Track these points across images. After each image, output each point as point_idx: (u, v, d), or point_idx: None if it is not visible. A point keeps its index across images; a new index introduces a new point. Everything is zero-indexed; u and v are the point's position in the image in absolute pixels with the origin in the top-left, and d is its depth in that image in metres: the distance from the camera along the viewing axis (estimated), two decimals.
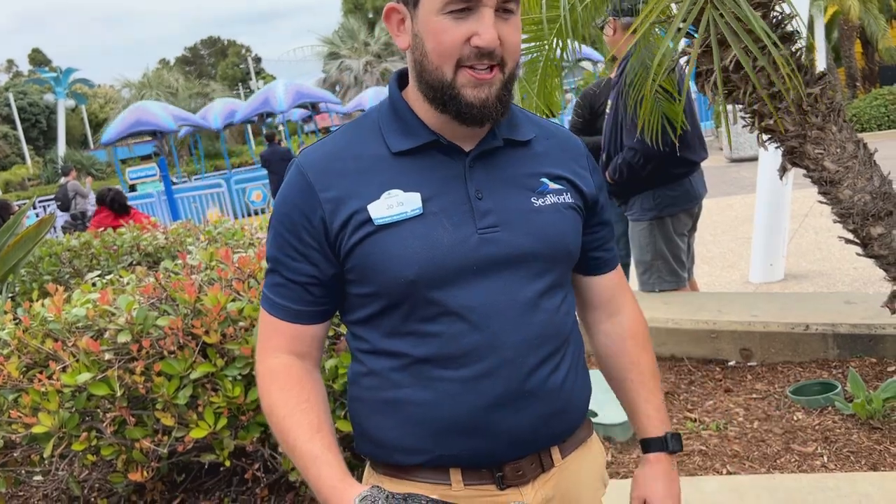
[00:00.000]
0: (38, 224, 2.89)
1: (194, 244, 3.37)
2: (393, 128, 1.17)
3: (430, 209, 1.12)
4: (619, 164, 3.62)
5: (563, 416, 1.20)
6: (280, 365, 1.18)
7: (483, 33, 1.06)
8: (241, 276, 2.31)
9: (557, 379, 1.17)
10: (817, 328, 3.13)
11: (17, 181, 28.84)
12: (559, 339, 1.19)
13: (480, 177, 1.16)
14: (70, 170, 12.46)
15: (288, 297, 1.18)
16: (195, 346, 2.11)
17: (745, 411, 2.85)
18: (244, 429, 2.21)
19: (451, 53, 1.08)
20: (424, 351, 1.13)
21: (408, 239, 1.11)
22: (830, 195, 2.29)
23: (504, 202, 1.15)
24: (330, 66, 34.68)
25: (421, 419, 1.14)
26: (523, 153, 1.21)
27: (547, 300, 1.17)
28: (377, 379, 1.18)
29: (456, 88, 1.10)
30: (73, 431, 2.11)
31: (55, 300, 2.23)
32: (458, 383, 1.12)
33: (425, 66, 1.11)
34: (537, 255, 1.16)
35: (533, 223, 1.16)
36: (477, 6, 1.07)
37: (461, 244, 1.11)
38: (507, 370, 1.13)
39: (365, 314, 1.18)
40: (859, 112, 14.26)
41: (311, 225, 1.14)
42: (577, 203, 1.22)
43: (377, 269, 1.12)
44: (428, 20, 1.09)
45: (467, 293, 1.12)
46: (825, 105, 2.21)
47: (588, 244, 1.28)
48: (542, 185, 1.19)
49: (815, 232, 6.51)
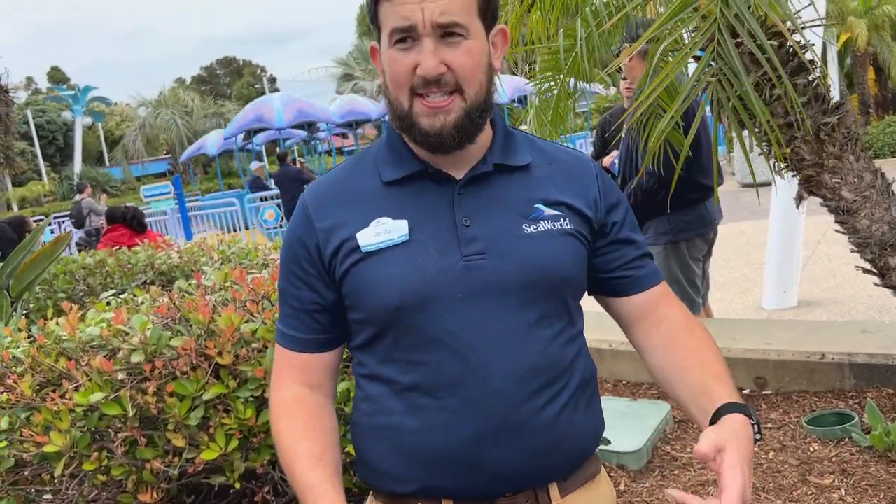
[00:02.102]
0: (55, 242, 2.91)
1: (208, 264, 3.39)
2: (387, 160, 1.20)
3: (416, 237, 1.13)
4: (634, 188, 3.61)
5: (559, 452, 1.16)
6: (290, 395, 1.20)
7: (423, 62, 1.08)
8: (255, 298, 2.31)
9: (551, 413, 1.14)
10: (833, 357, 3.09)
11: (34, 197, 29.12)
12: (555, 371, 1.15)
13: (470, 204, 1.16)
14: (85, 187, 12.59)
15: (296, 328, 1.21)
16: (208, 367, 2.11)
17: (759, 441, 2.81)
18: (255, 451, 2.20)
19: (402, 83, 1.11)
20: (412, 378, 1.13)
21: (392, 266, 1.12)
22: (848, 224, 2.27)
23: (492, 229, 1.14)
24: (344, 87, 34.97)
25: (410, 447, 1.14)
26: (518, 178, 1.20)
27: (540, 330, 1.14)
28: (373, 404, 1.19)
29: (413, 117, 1.12)
30: (85, 451, 2.11)
31: (70, 319, 2.24)
32: (444, 412, 1.11)
33: (388, 97, 1.15)
34: (526, 284, 1.13)
35: (522, 250, 1.14)
36: (417, 37, 1.08)
37: (445, 271, 1.11)
38: (492, 401, 1.10)
39: (361, 340, 1.19)
40: (872, 139, 14.22)
41: (309, 254, 1.17)
42: (577, 229, 1.19)
43: (365, 296, 1.13)
44: (384, 55, 1.13)
45: (452, 321, 1.11)
46: (842, 134, 2.21)
47: (606, 265, 1.24)
48: (537, 210, 1.17)
49: (828, 259, 6.46)
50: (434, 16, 1.07)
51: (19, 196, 27.79)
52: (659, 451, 2.88)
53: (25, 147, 34.94)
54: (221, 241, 3.68)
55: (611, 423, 1.40)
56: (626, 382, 3.60)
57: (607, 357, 3.63)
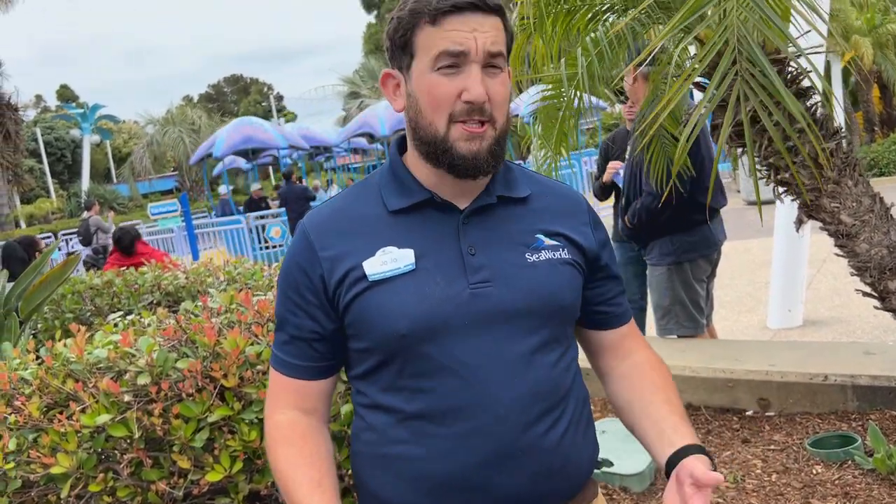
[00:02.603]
0: (64, 264, 2.95)
1: (214, 284, 3.42)
2: (391, 188, 1.22)
3: (423, 265, 1.15)
4: (638, 208, 3.63)
5: (563, 474, 1.19)
6: (286, 421, 1.22)
7: (471, 88, 1.11)
8: (259, 321, 2.33)
9: (555, 436, 1.17)
10: (836, 379, 3.09)
11: (42, 214, 29.30)
12: (557, 395, 1.18)
13: (474, 233, 1.19)
14: (92, 204, 12.66)
15: (293, 354, 1.23)
16: (213, 389, 2.13)
17: (762, 463, 2.81)
18: (259, 473, 2.22)
19: (444, 107, 1.13)
20: (417, 406, 1.15)
21: (400, 294, 1.14)
22: (847, 248, 2.29)
23: (497, 258, 1.18)
24: (350, 104, 35.18)
25: (415, 475, 1.16)
26: (519, 210, 1.24)
27: (542, 356, 1.18)
28: (375, 434, 1.20)
29: (449, 142, 1.14)
30: (91, 472, 2.12)
31: (78, 341, 2.27)
32: (450, 440, 1.14)
33: (420, 122, 1.16)
34: (530, 311, 1.17)
35: (526, 279, 1.17)
36: (465, 63, 1.12)
37: (452, 299, 1.14)
38: (499, 427, 1.13)
39: (363, 369, 1.21)
40: (877, 156, 14.22)
41: (311, 282, 1.19)
42: (574, 259, 1.23)
43: (371, 324, 1.15)
44: (421, 79, 1.15)
45: (459, 348, 1.13)
46: (841, 159, 2.23)
47: (592, 298, 1.30)
48: (538, 240, 1.21)
49: (833, 278, 6.46)
50: (486, 44, 1.11)
51: (27, 213, 27.97)
52: (662, 474, 2.88)
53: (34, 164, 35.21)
54: (227, 262, 3.71)
55: (613, 445, 1.43)
56: None
57: None
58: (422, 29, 1.13)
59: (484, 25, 1.11)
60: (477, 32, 1.11)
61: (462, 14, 1.11)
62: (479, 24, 1.11)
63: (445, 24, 1.11)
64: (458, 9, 1.10)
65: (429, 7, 1.11)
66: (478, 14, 1.11)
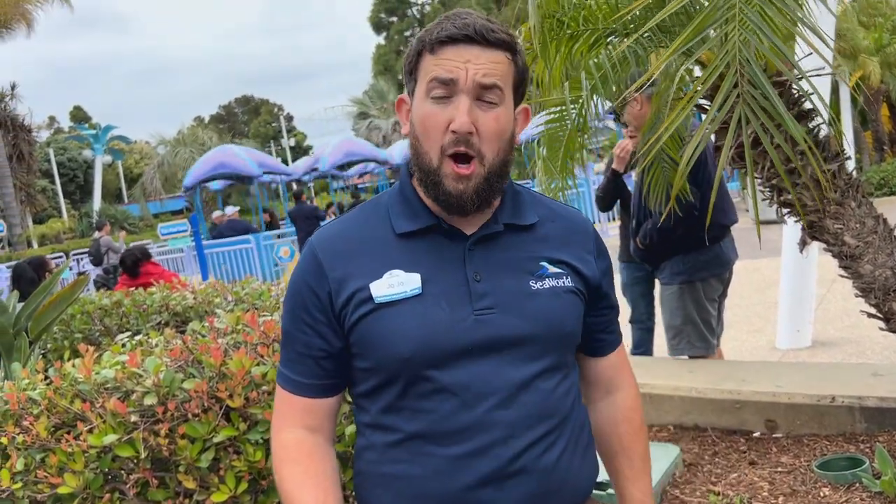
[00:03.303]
0: (73, 285, 2.98)
1: (222, 305, 3.44)
2: (399, 211, 1.24)
3: (429, 290, 1.17)
4: (650, 229, 3.63)
5: (560, 495, 1.21)
6: (292, 439, 1.23)
7: (457, 118, 1.13)
8: (265, 341, 2.35)
9: (551, 458, 1.19)
10: (843, 401, 3.08)
11: (53, 234, 29.50)
12: (555, 419, 1.20)
13: (480, 260, 1.21)
14: (103, 225, 12.77)
15: (300, 372, 1.24)
16: (219, 409, 2.15)
17: (769, 485, 2.79)
18: (264, 493, 2.22)
19: (434, 139, 1.15)
20: (417, 427, 1.17)
21: (406, 317, 1.16)
22: (851, 269, 2.29)
23: (502, 285, 1.19)
24: (360, 125, 35.43)
25: (413, 494, 1.17)
26: (525, 237, 1.25)
27: (542, 381, 1.20)
28: (376, 453, 1.22)
29: (440, 176, 1.16)
30: (97, 492, 2.13)
31: (86, 361, 2.29)
32: (448, 460, 1.15)
33: (418, 149, 1.19)
34: (532, 338, 1.19)
35: (529, 306, 1.19)
36: (455, 93, 1.14)
37: (457, 325, 1.16)
38: (497, 449, 1.15)
39: (366, 388, 1.23)
40: (887, 175, 14.17)
41: (319, 301, 1.20)
42: (577, 287, 1.25)
43: (376, 345, 1.17)
44: (419, 106, 1.18)
45: (461, 372, 1.15)
46: (844, 181, 2.24)
47: (593, 326, 1.32)
48: (542, 268, 1.23)
49: (843, 298, 6.41)
50: (478, 76, 1.13)
51: (39, 233, 28.18)
52: (668, 495, 2.86)
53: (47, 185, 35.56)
54: (235, 283, 3.74)
55: None
56: None
57: None
58: (423, 57, 1.17)
59: (480, 58, 1.13)
60: (470, 63, 1.13)
61: (457, 45, 1.13)
62: (475, 56, 1.13)
63: (441, 53, 1.14)
64: (454, 40, 1.13)
65: (430, 37, 1.15)
66: (474, 47, 1.13)
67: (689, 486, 2.92)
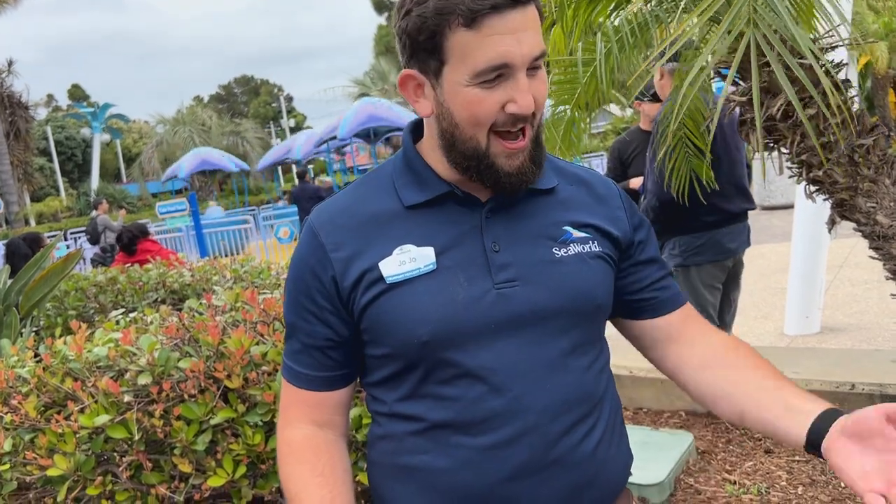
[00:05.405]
0: (65, 259, 2.87)
1: (220, 283, 3.34)
2: (406, 181, 1.11)
3: (443, 263, 1.06)
4: (645, 204, 3.52)
5: (597, 486, 1.10)
6: (299, 436, 1.13)
7: (520, 100, 1.00)
8: (265, 319, 2.25)
9: (589, 446, 1.08)
10: (864, 388, 2.98)
11: (51, 213, 29.42)
12: (591, 402, 1.10)
13: (498, 228, 1.09)
14: (101, 203, 12.63)
15: (307, 365, 1.13)
16: (216, 390, 2.05)
17: (788, 475, 2.70)
18: (263, 478, 2.13)
19: (486, 123, 1.02)
20: (442, 415, 1.06)
21: (421, 297, 1.04)
22: (883, 251, 2.18)
23: (523, 254, 1.08)
24: None
25: (439, 488, 1.07)
26: (545, 201, 1.14)
27: (575, 359, 1.09)
28: (394, 443, 1.11)
29: (490, 157, 1.04)
30: (89, 475, 2.05)
31: (77, 338, 2.19)
32: (478, 451, 1.05)
33: (457, 136, 1.05)
34: (561, 311, 1.07)
35: (554, 276, 1.08)
36: (509, 72, 1.00)
37: (477, 301, 1.04)
38: (531, 437, 1.04)
39: (381, 376, 1.11)
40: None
41: (323, 286, 1.09)
42: (605, 251, 1.13)
43: (390, 330, 1.06)
44: (456, 91, 1.02)
45: (486, 354, 1.04)
46: (878, 157, 2.13)
47: (632, 286, 1.19)
48: (566, 233, 1.11)
49: (851, 284, 6.34)
50: (533, 50, 1.00)
51: (37, 211, 28.09)
52: (682, 484, 2.77)
53: (44, 163, 35.43)
54: (234, 260, 3.63)
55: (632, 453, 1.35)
56: (647, 410, 3.50)
57: (627, 384, 3.53)
58: (454, 32, 0.99)
59: (525, 24, 0.99)
60: (520, 34, 0.98)
61: (502, 14, 0.97)
62: (521, 23, 0.98)
63: (485, 27, 0.97)
64: (497, 8, 0.97)
65: (462, 7, 0.97)
66: (517, 10, 0.98)
67: (703, 475, 2.83)
